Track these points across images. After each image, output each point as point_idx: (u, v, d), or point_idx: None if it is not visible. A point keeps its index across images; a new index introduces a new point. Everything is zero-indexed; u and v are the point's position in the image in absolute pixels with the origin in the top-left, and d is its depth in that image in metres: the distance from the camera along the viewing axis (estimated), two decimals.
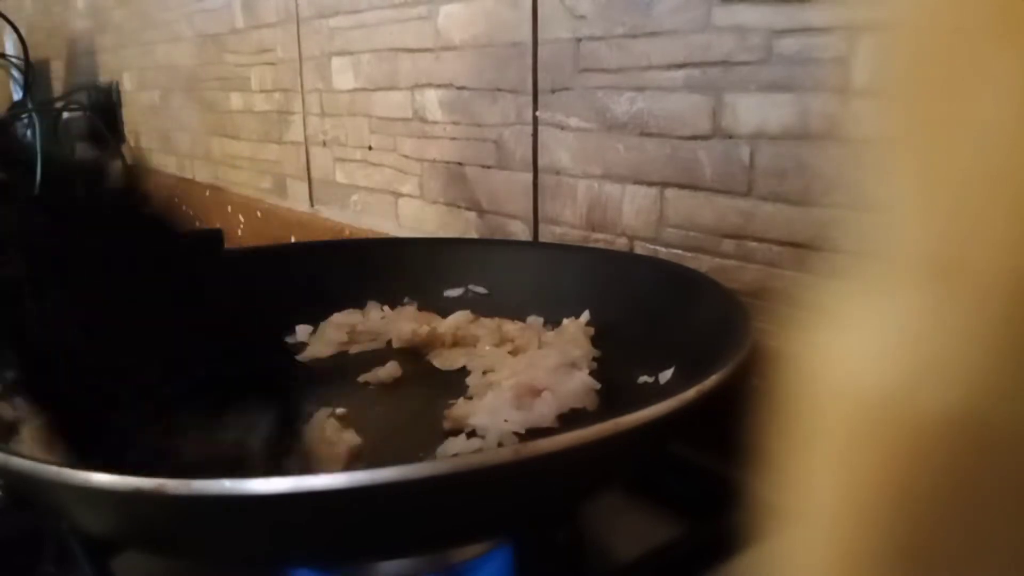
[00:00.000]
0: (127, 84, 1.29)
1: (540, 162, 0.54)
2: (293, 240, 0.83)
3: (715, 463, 0.37)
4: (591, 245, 0.51)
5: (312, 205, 0.84)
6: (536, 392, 0.38)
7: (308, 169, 0.84)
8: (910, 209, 0.12)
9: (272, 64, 0.86)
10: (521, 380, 0.38)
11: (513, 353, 0.44)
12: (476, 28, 0.57)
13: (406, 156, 0.67)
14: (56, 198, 0.30)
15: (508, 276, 0.50)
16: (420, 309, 0.51)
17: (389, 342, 0.48)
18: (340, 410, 0.38)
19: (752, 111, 0.40)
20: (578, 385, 0.38)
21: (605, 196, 0.50)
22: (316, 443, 0.33)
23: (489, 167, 0.59)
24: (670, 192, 0.46)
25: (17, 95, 1.41)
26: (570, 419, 0.37)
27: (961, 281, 0.11)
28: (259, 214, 0.93)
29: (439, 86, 0.62)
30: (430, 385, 0.43)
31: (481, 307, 0.50)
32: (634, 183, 0.48)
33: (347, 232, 0.76)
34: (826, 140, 0.37)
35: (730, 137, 0.42)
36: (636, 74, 0.46)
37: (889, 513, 0.12)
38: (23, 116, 1.25)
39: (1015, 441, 0.11)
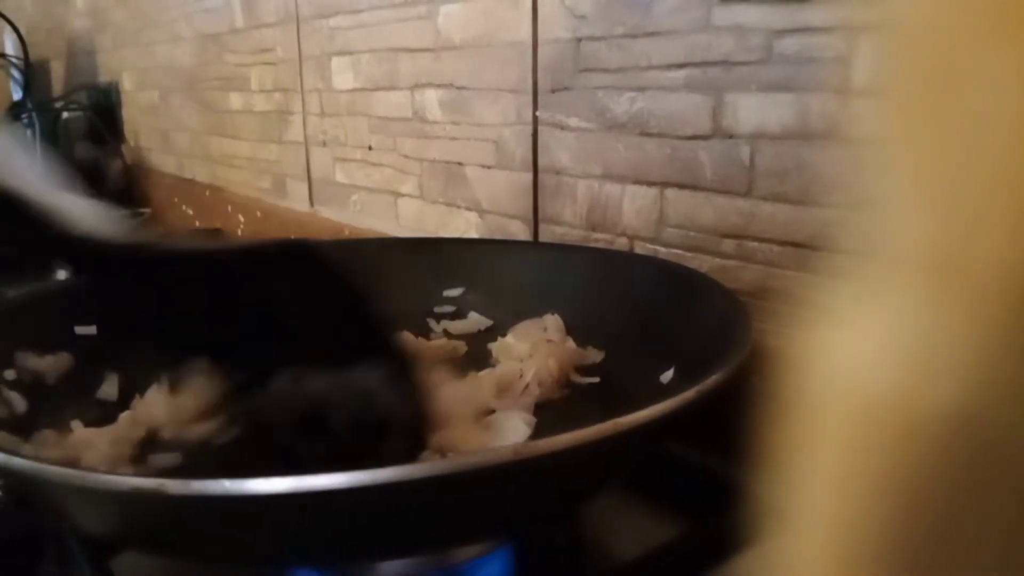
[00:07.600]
0: (127, 84, 1.29)
1: (540, 162, 0.54)
2: None
3: (715, 463, 0.37)
4: (591, 245, 0.51)
5: (312, 205, 0.84)
6: None
7: (308, 169, 0.84)
8: (910, 209, 0.12)
9: (272, 64, 0.86)
10: None
11: None
12: (476, 28, 0.57)
13: (406, 156, 0.67)
14: None
15: (508, 276, 0.50)
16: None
17: None
18: None
19: (752, 111, 0.40)
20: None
21: (605, 196, 0.50)
22: None
23: (489, 167, 0.59)
24: (670, 192, 0.46)
25: (17, 95, 1.41)
26: None
27: (961, 280, 0.11)
28: (259, 214, 0.93)
29: (439, 86, 0.62)
30: None
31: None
32: (634, 183, 0.48)
33: (347, 232, 0.76)
34: (826, 140, 0.37)
35: (730, 137, 0.42)
36: (636, 74, 0.46)
37: (889, 512, 0.12)
38: (23, 116, 1.25)
39: (1015, 441, 0.11)
